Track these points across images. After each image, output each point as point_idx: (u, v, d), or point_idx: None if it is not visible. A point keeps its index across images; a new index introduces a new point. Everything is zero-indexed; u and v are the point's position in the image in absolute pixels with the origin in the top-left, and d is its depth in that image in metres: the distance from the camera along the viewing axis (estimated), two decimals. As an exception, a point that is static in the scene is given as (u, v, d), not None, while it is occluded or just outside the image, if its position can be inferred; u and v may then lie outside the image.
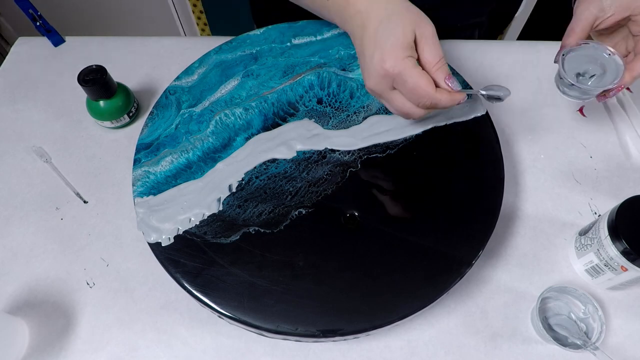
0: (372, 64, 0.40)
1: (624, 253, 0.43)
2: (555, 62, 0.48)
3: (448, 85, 0.42)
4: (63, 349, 0.45)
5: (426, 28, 0.42)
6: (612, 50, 0.46)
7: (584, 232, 0.49)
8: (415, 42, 0.41)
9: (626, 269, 0.43)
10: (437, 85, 0.42)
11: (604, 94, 0.47)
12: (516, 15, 1.22)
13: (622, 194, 0.55)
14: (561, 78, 0.47)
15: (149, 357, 0.45)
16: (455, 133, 0.51)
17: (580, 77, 0.47)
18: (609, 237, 0.44)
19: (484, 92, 0.45)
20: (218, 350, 0.45)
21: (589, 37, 0.49)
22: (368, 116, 0.52)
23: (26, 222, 0.53)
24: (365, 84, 0.43)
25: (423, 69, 0.42)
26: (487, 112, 0.52)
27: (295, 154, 0.49)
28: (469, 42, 0.67)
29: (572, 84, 0.46)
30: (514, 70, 0.65)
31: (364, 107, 0.53)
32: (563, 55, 0.47)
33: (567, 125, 0.60)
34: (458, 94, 0.42)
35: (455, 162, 0.50)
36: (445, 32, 0.68)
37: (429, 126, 0.51)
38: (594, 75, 0.47)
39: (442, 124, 0.51)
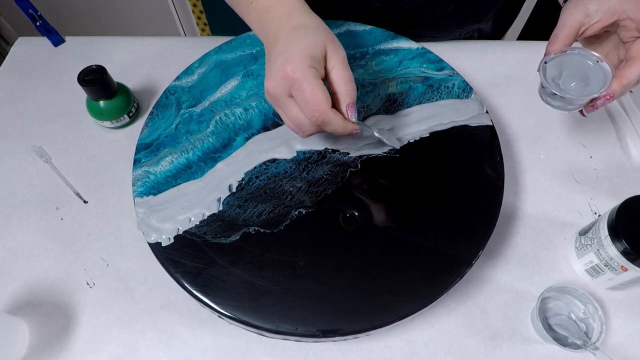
0: (276, 63, 0.39)
1: (624, 253, 0.43)
2: (538, 70, 0.45)
3: (347, 113, 0.41)
4: (63, 349, 0.45)
5: (338, 51, 0.41)
6: (598, 56, 0.43)
7: (584, 232, 0.49)
8: (325, 60, 0.41)
9: (626, 269, 0.43)
10: (336, 108, 0.41)
11: (592, 104, 0.44)
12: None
13: (622, 194, 0.55)
14: (543, 87, 0.45)
15: (149, 357, 0.45)
16: (455, 133, 0.51)
17: (564, 86, 0.44)
18: (609, 237, 0.44)
19: (377, 134, 0.46)
20: (218, 350, 0.45)
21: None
22: (368, 116, 0.52)
23: (26, 222, 0.53)
24: (265, 85, 0.41)
25: (329, 87, 0.41)
26: (487, 112, 0.52)
27: (295, 154, 0.49)
28: (469, 42, 0.67)
29: (555, 93, 0.43)
30: (514, 70, 0.65)
31: (364, 107, 0.53)
32: (545, 63, 0.45)
33: (567, 125, 0.60)
34: (352, 124, 0.42)
35: (455, 162, 0.50)
36: (444, 36, 0.68)
37: (429, 126, 0.51)
38: (578, 83, 0.44)
39: (443, 124, 0.51)
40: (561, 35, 0.44)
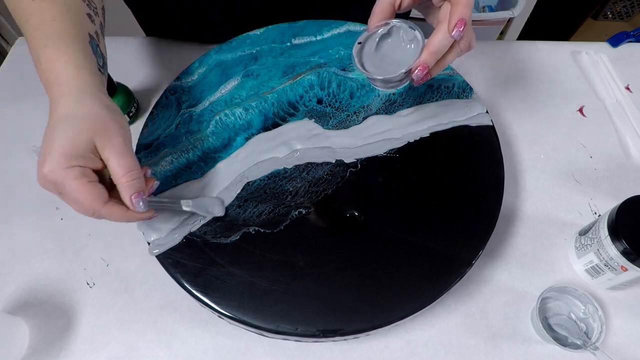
0: (39, 164, 0.36)
1: (624, 253, 0.43)
2: (352, 53, 0.42)
3: (132, 204, 0.37)
4: (63, 349, 0.45)
5: (112, 139, 0.37)
6: (413, 25, 0.40)
7: (584, 232, 0.49)
8: (98, 152, 0.37)
9: (626, 269, 0.43)
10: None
11: (413, 77, 0.40)
12: (516, 15, 1.22)
13: (622, 194, 0.55)
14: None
15: (149, 357, 0.45)
16: (456, 133, 0.51)
17: (383, 63, 0.42)
18: (609, 237, 0.44)
19: (185, 208, 0.42)
20: (218, 350, 0.45)
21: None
22: (368, 116, 0.52)
23: (26, 222, 0.53)
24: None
25: (113, 179, 0.37)
26: (487, 112, 0.52)
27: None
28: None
29: (369, 76, 0.41)
30: (514, 70, 0.65)
31: (364, 107, 0.53)
32: (359, 43, 0.41)
33: (567, 125, 0.60)
34: (139, 213, 0.38)
35: (455, 162, 0.50)
36: None
37: (429, 126, 0.51)
38: (397, 58, 0.41)
39: (443, 124, 0.51)
40: (377, 10, 0.41)
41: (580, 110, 0.62)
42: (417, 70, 0.39)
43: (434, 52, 0.38)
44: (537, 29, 1.32)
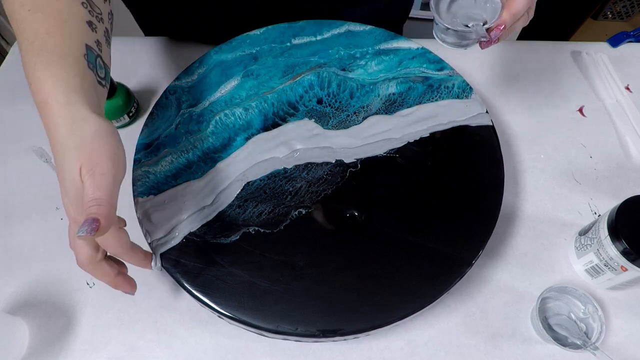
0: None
1: (624, 253, 0.43)
2: (429, 5, 0.43)
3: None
4: (63, 349, 0.45)
5: (96, 168, 0.34)
6: None
7: (583, 232, 0.49)
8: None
9: (626, 269, 0.44)
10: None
11: (487, 38, 0.42)
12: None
13: (622, 194, 0.55)
14: (437, 24, 0.43)
15: (149, 357, 0.45)
16: (456, 133, 0.51)
17: (455, 20, 0.43)
18: (609, 237, 0.44)
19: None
20: (218, 350, 0.45)
21: None
22: (368, 116, 0.52)
23: (26, 222, 0.53)
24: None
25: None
26: (487, 112, 0.52)
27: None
28: (469, 42, 0.67)
29: (448, 28, 0.42)
30: (514, 70, 0.65)
31: (363, 107, 0.53)
32: None
33: (567, 125, 0.60)
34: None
35: (455, 162, 0.50)
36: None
37: (429, 126, 0.51)
38: (470, 17, 0.43)
39: (443, 124, 0.51)
40: None
41: (580, 110, 0.62)
42: (495, 29, 0.40)
43: (515, 13, 0.40)
44: (537, 29, 1.32)
